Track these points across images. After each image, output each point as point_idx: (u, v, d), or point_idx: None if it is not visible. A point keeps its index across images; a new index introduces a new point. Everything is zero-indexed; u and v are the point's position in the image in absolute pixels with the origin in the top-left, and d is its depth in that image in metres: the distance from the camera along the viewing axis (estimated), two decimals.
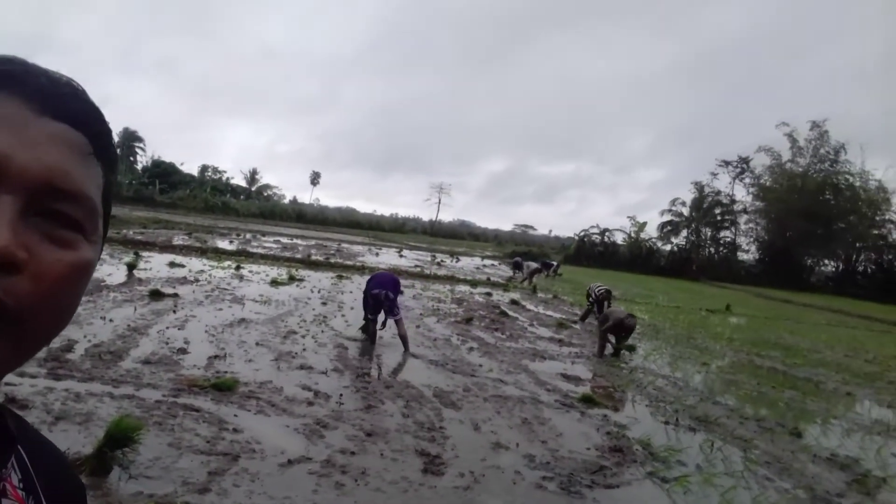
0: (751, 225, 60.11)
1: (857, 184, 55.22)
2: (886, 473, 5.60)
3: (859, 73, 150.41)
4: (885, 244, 54.26)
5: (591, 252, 53.53)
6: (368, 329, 8.84)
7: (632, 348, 10.50)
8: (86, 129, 0.47)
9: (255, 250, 22.18)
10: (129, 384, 5.40)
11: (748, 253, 60.63)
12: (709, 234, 60.47)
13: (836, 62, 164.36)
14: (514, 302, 15.98)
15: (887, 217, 54.82)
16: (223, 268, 15.62)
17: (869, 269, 55.22)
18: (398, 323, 8.50)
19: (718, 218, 60.12)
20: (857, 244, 55.00)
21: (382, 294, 8.48)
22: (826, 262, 57.92)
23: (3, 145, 0.41)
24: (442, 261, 32.31)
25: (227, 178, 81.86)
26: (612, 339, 9.94)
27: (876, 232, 54.43)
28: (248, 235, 32.02)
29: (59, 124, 0.45)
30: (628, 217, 78.42)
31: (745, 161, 59.57)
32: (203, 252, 18.95)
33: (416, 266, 25.24)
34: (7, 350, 0.42)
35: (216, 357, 6.73)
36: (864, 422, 7.59)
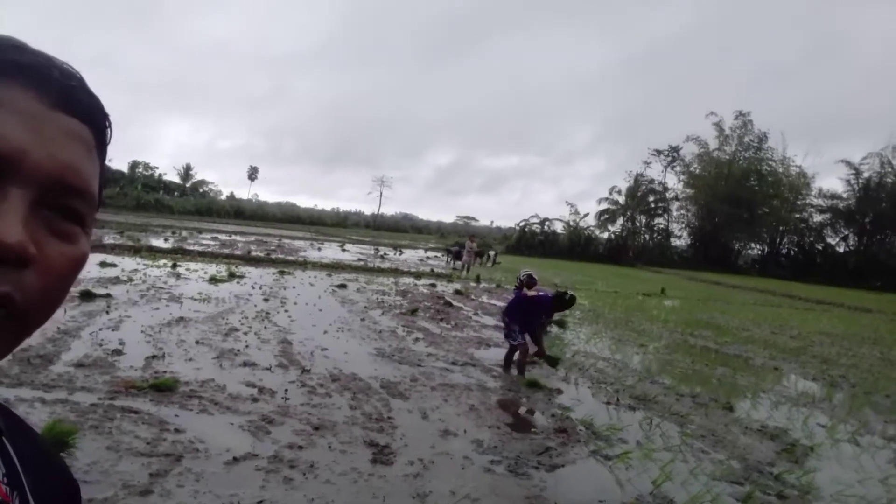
0: (682, 211, 62.08)
1: (780, 170, 58.07)
2: (813, 442, 5.95)
3: (781, 69, 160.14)
4: (806, 227, 57.53)
5: (531, 241, 54.27)
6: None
7: (562, 324, 11.54)
8: (92, 124, 0.47)
9: (192, 248, 21.44)
10: (62, 388, 5.16)
11: (680, 238, 62.72)
12: (643, 221, 62.21)
13: (761, 60, 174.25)
14: (458, 292, 16.10)
15: (807, 201, 58.10)
16: (158, 266, 15.05)
17: (791, 251, 58.40)
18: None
19: (652, 205, 61.87)
20: (780, 227, 57.95)
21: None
22: (752, 245, 60.66)
23: (20, 140, 0.41)
24: (385, 254, 32.15)
25: (160, 175, 78.79)
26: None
27: (797, 216, 57.56)
28: (185, 233, 30.91)
29: (72, 119, 0.45)
30: (567, 202, 79.88)
31: (675, 150, 61.40)
32: (136, 251, 18.19)
33: (360, 260, 25.03)
34: (7, 342, 0.42)
35: (154, 357, 6.51)
36: (791, 394, 8.04)
